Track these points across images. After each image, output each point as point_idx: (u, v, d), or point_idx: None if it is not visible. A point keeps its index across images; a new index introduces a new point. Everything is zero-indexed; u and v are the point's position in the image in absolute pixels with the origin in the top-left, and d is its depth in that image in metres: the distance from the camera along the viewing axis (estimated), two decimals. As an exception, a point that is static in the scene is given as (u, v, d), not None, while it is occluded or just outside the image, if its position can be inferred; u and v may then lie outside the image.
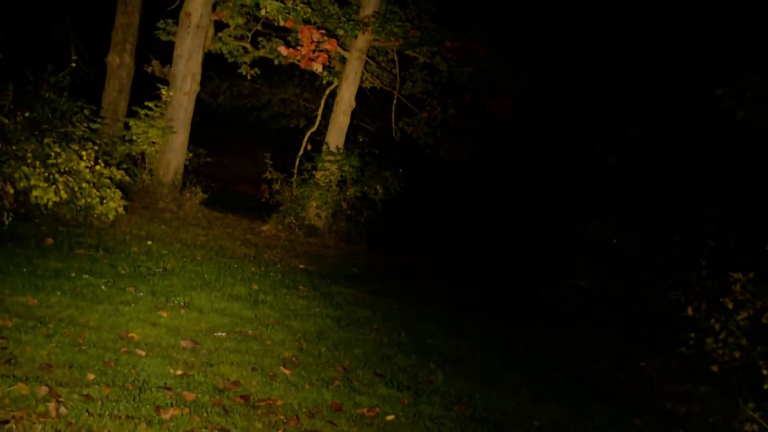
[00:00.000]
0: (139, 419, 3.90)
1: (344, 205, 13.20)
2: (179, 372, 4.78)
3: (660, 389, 6.68)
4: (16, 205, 8.58)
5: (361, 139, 13.96)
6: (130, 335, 5.35)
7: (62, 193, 8.92)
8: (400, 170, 13.47)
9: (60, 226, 8.67)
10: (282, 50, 13.54)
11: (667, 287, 8.97)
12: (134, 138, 11.96)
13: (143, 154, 12.25)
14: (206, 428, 4.00)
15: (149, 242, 8.90)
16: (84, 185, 9.26)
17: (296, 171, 13.95)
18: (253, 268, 8.71)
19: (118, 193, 9.71)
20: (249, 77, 14.76)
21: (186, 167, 12.99)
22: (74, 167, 9.27)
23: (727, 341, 7.05)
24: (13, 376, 4.13)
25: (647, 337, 8.55)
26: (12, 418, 3.61)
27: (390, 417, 4.71)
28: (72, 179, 9.13)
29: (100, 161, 9.84)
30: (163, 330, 5.65)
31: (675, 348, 7.74)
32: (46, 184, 8.82)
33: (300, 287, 8.25)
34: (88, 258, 7.46)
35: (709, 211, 9.30)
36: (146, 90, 12.82)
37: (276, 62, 14.12)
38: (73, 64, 10.36)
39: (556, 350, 7.57)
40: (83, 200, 9.24)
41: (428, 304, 8.65)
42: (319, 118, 14.84)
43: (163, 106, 12.31)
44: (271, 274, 8.60)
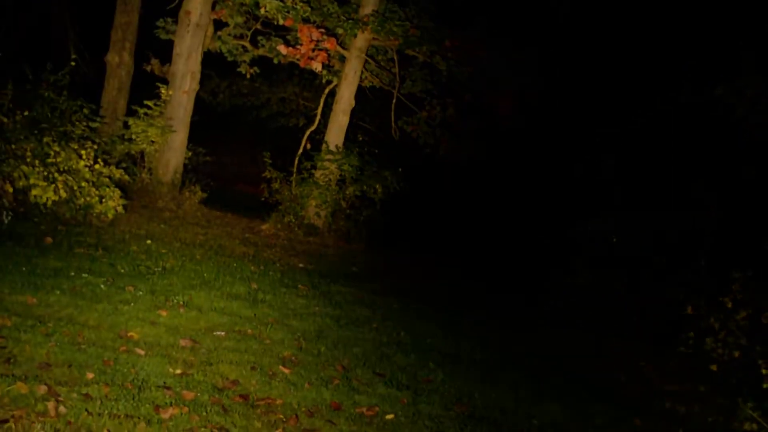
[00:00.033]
0: (139, 418, 3.90)
1: (343, 204, 13.20)
2: (178, 371, 4.78)
3: (659, 389, 6.67)
4: (16, 204, 8.57)
5: (361, 138, 13.96)
6: (130, 334, 5.35)
7: (61, 192, 8.92)
8: (400, 169, 13.47)
9: (59, 225, 8.66)
10: (281, 49, 13.54)
11: (667, 286, 8.98)
12: (133, 137, 11.97)
13: (142, 153, 12.25)
14: (205, 427, 3.99)
15: (148, 241, 8.90)
16: (83, 184, 9.26)
17: (295, 170, 13.95)
18: (253, 267, 8.70)
19: (118, 192, 9.72)
20: (248, 76, 14.76)
21: (185, 166, 12.98)
22: (73, 166, 9.27)
23: (727, 340, 7.06)
24: (12, 375, 4.12)
25: (647, 337, 8.55)
26: (11, 417, 3.61)
27: (389, 416, 4.71)
28: (71, 178, 9.13)
29: (100, 160, 9.84)
30: (163, 329, 5.64)
31: (674, 347, 7.75)
32: (46, 183, 8.82)
33: (299, 286, 8.24)
34: (88, 257, 7.45)
35: (709, 211, 9.31)
36: (146, 89, 12.82)
37: (275, 61, 14.12)
38: (73, 63, 10.35)
39: (556, 350, 7.56)
40: (82, 199, 9.24)
41: (428, 304, 8.64)
42: (319, 117, 14.84)
43: (163, 105, 12.30)
44: (271, 273, 8.59)
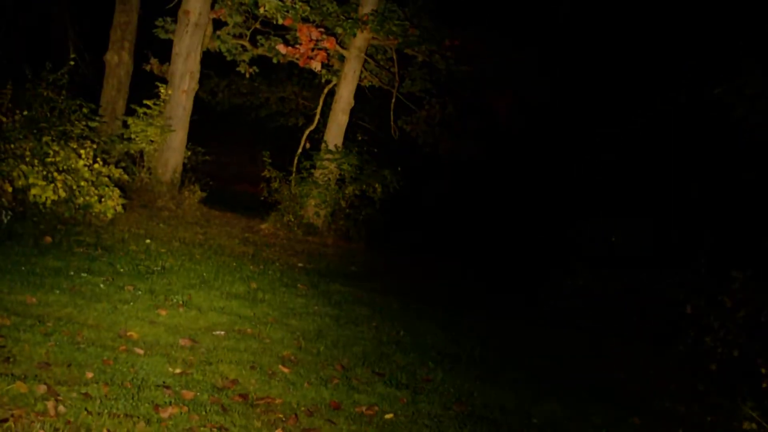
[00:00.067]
0: (138, 418, 3.90)
1: (343, 204, 13.20)
2: (178, 370, 4.78)
3: (659, 388, 6.68)
4: (15, 204, 8.56)
5: (360, 138, 13.95)
6: (129, 334, 5.35)
7: (60, 192, 8.91)
8: (399, 169, 13.47)
9: (58, 225, 8.65)
10: (281, 48, 13.53)
11: (667, 286, 8.99)
12: (133, 136, 11.97)
13: (142, 153, 12.25)
14: (205, 427, 3.99)
15: (148, 241, 8.89)
16: (82, 184, 9.26)
17: (295, 169, 13.95)
18: (252, 267, 8.70)
19: (117, 192, 9.71)
20: (248, 75, 14.75)
21: (184, 165, 12.98)
22: (73, 166, 9.26)
23: (726, 339, 7.06)
24: (12, 375, 4.12)
25: (647, 337, 8.55)
26: (11, 417, 3.60)
27: (389, 415, 4.70)
28: (70, 178, 9.12)
29: (99, 160, 9.83)
30: (162, 328, 5.64)
31: (674, 347, 7.75)
32: (45, 183, 8.81)
33: (299, 286, 8.24)
34: (87, 256, 7.45)
35: (709, 210, 9.33)
36: (145, 88, 12.82)
37: (275, 60, 14.11)
38: (72, 63, 10.35)
39: (556, 350, 7.56)
40: (82, 199, 9.23)
41: (427, 303, 8.64)
42: (318, 117, 14.84)
43: (162, 105, 12.29)
44: (270, 273, 8.59)
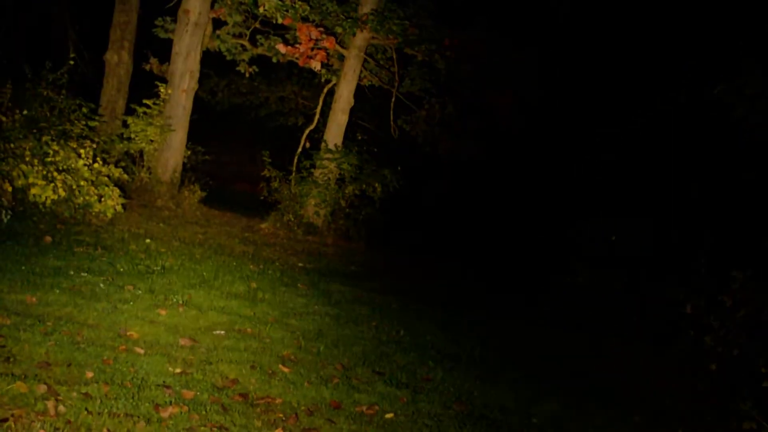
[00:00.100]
0: (138, 417, 3.90)
1: (343, 203, 13.20)
2: (178, 370, 4.77)
3: (659, 388, 6.68)
4: (15, 203, 8.56)
5: (360, 137, 13.95)
6: (129, 333, 5.34)
7: (60, 191, 8.92)
8: (399, 168, 13.47)
9: (58, 224, 8.65)
10: (280, 48, 13.53)
11: (667, 286, 8.99)
12: (132, 136, 11.97)
13: (141, 152, 12.25)
14: (205, 426, 3.99)
15: (148, 240, 8.89)
16: (82, 183, 9.26)
17: (295, 169, 13.96)
18: (252, 266, 8.70)
19: (117, 191, 9.71)
20: (247, 75, 14.76)
21: (184, 165, 12.98)
22: (72, 165, 9.26)
23: (726, 339, 7.05)
24: (12, 375, 4.12)
25: (647, 337, 8.55)
26: (11, 417, 3.60)
27: (389, 415, 4.70)
28: (70, 177, 9.12)
29: (99, 159, 9.83)
30: (162, 328, 5.64)
31: (674, 347, 7.75)
32: (44, 182, 8.81)
33: (299, 285, 8.24)
34: (87, 256, 7.44)
35: (709, 210, 9.33)
36: (144, 88, 12.82)
37: (274, 60, 14.12)
38: (72, 62, 10.35)
39: (556, 350, 7.57)
40: (81, 198, 9.23)
41: (427, 303, 8.64)
42: (318, 116, 14.84)
43: (162, 104, 12.30)
44: (270, 272, 8.59)
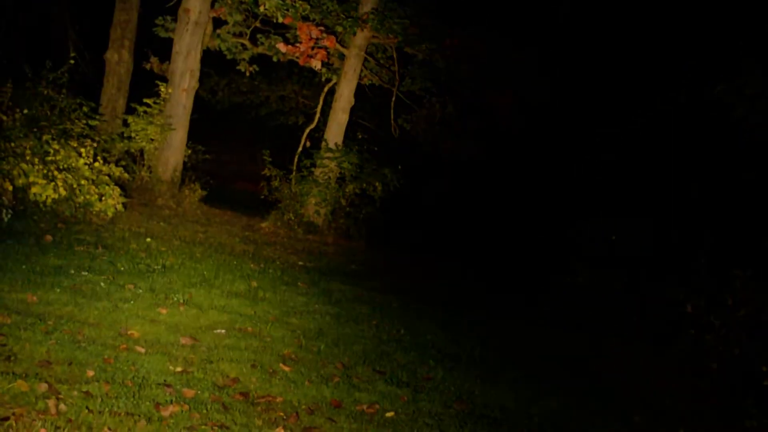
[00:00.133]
0: (139, 416, 3.90)
1: (343, 202, 13.21)
2: (179, 369, 4.78)
3: (659, 388, 6.68)
4: (15, 202, 8.56)
5: (360, 136, 13.98)
6: (130, 332, 5.35)
7: (61, 190, 8.91)
8: (399, 167, 13.48)
9: (59, 223, 8.66)
10: (281, 47, 13.53)
11: (667, 286, 8.99)
12: (133, 135, 11.97)
13: (142, 151, 12.25)
14: (206, 425, 3.99)
15: (148, 239, 8.89)
16: (83, 182, 9.26)
17: (295, 168, 13.96)
18: (252, 265, 8.70)
19: (117, 190, 9.71)
20: (248, 74, 14.76)
21: (185, 164, 12.99)
22: (73, 164, 9.26)
23: (727, 338, 7.07)
24: (13, 373, 4.12)
25: (647, 337, 8.55)
26: (12, 415, 3.60)
27: (389, 414, 4.71)
28: (71, 176, 9.12)
29: (99, 158, 9.83)
30: (163, 327, 5.64)
31: (674, 346, 7.76)
32: (45, 181, 8.81)
33: (299, 284, 8.24)
34: (87, 255, 7.44)
35: (709, 210, 9.33)
36: (145, 87, 12.82)
37: (275, 59, 14.12)
38: (72, 61, 10.35)
39: (556, 350, 7.57)
40: (82, 197, 9.23)
41: (427, 302, 8.65)
42: (318, 115, 14.85)
43: (162, 103, 12.29)
44: (270, 271, 8.59)
